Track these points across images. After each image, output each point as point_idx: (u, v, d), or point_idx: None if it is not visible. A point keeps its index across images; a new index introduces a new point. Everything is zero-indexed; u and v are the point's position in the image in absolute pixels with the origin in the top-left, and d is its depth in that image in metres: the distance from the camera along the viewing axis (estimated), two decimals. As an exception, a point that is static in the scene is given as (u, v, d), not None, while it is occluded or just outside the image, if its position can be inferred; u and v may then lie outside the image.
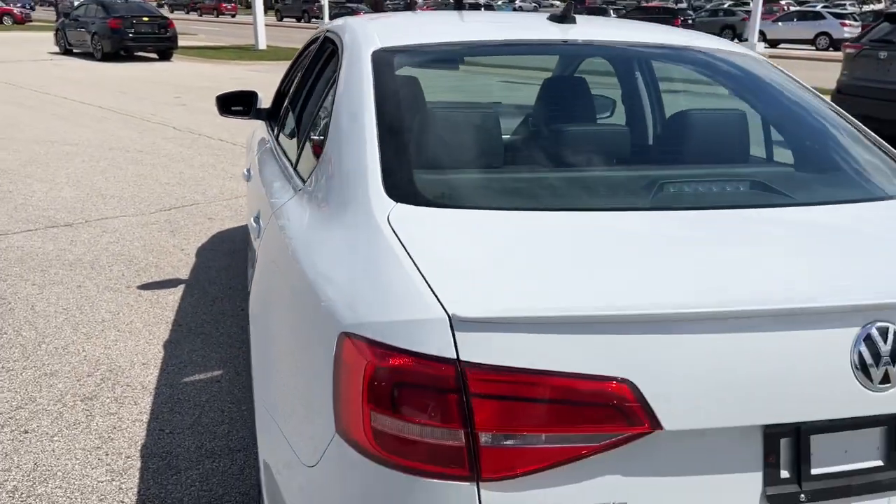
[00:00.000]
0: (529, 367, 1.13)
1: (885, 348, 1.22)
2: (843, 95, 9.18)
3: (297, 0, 48.85)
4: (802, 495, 1.24)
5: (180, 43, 21.87)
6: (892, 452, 1.28)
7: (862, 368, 1.21)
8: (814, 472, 1.25)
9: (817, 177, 1.95)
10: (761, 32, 29.53)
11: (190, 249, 4.94)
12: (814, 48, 28.42)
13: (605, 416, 1.14)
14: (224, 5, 58.86)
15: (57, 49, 21.75)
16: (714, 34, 19.63)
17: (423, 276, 1.25)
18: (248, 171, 3.37)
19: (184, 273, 4.52)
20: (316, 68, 2.68)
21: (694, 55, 2.26)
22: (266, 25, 27.96)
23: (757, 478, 1.23)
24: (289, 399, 1.49)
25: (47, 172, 6.95)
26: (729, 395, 1.17)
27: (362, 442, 1.20)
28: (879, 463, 1.28)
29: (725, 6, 39.43)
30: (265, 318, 1.77)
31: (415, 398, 1.15)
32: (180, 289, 4.28)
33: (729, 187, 1.75)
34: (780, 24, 30.08)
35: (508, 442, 1.14)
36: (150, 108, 11.28)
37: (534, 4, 70.66)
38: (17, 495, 2.46)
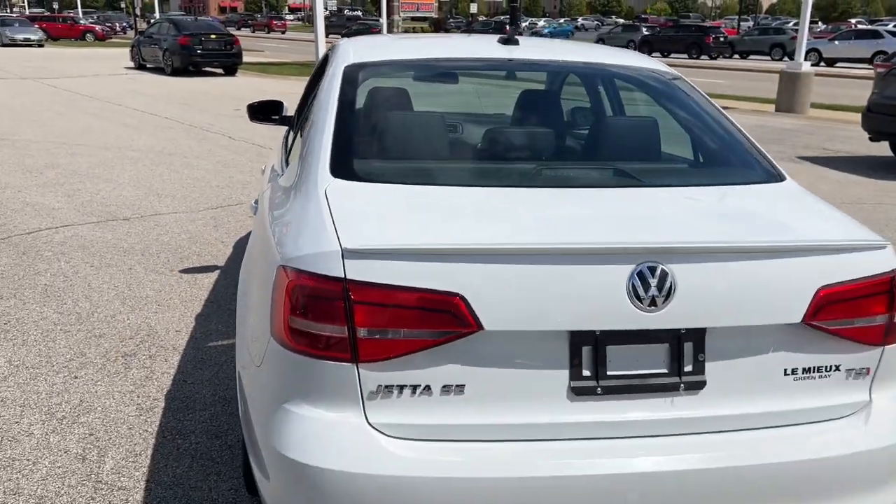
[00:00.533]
0: (393, 284, 1.62)
1: (652, 281, 1.66)
2: (872, 114, 9.32)
3: (341, 17, 51.70)
4: (598, 389, 1.69)
5: (245, 59, 23.00)
6: (674, 364, 1.72)
7: (635, 295, 1.66)
8: (609, 373, 1.70)
9: (675, 167, 2.40)
10: (817, 51, 29.18)
11: (229, 241, 5.56)
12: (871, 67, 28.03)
13: (445, 319, 1.61)
14: (275, 23, 61.25)
15: (132, 64, 23.17)
16: (764, 52, 20.20)
17: (334, 225, 1.76)
18: (256, 202, 3.16)
19: (220, 261, 5.13)
20: (317, 80, 3.23)
21: (604, 69, 2.73)
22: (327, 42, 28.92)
23: (564, 374, 1.69)
24: (250, 322, 2.01)
25: (112, 174, 7.72)
26: (539, 308, 1.63)
27: (285, 339, 1.70)
28: (664, 370, 1.72)
29: (773, 25, 40.00)
30: (246, 267, 2.31)
31: (317, 305, 1.65)
32: (216, 273, 4.88)
33: (594, 174, 2.21)
34: (836, 42, 29.72)
35: (377, 335, 1.63)
36: (211, 119, 12.12)
37: (596, 23, 70.89)
38: (65, 422, 3.05)
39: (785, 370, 1.79)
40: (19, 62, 24.46)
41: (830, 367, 1.82)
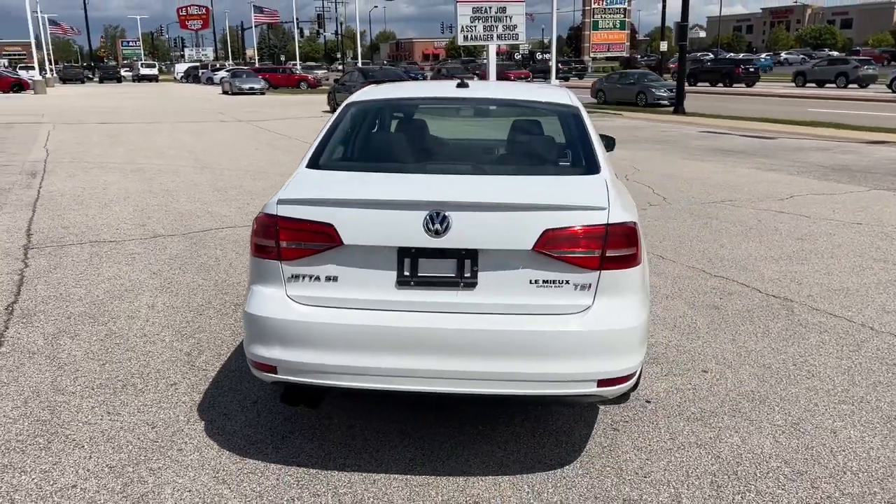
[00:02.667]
0: (298, 217, 2.99)
1: (436, 219, 2.89)
2: None
3: (526, 60, 54.46)
4: (412, 282, 2.94)
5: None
6: (459, 271, 2.92)
7: (427, 228, 2.90)
8: (419, 274, 2.94)
9: (523, 165, 3.58)
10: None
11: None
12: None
13: (323, 237, 2.94)
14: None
15: (328, 108, 26.43)
16: (829, 80, 20.14)
17: (287, 190, 3.18)
18: None
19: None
20: None
21: (517, 103, 3.98)
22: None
23: (393, 273, 2.95)
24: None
25: (276, 193, 9.78)
26: (377, 233, 2.90)
27: (252, 250, 3.13)
28: (452, 275, 2.94)
29: (834, 55, 43.53)
30: None
31: (264, 230, 3.05)
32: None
33: (461, 167, 3.47)
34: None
35: (290, 246, 3.01)
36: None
37: (802, 57, 68.10)
38: (184, 335, 4.72)
39: (530, 280, 2.94)
40: (240, 107, 28.70)
41: (562, 281, 2.94)
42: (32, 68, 46.76)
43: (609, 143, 5.66)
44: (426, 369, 2.90)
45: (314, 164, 3.51)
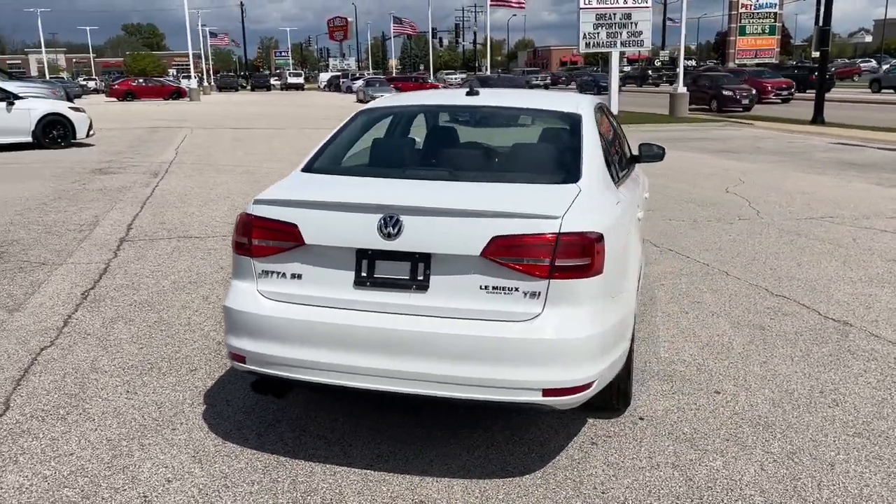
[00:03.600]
0: (267, 217, 3.17)
1: (390, 222, 2.97)
2: None
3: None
4: (368, 283, 3.04)
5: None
6: (412, 273, 2.99)
7: (380, 230, 2.99)
8: (375, 275, 3.04)
9: (506, 173, 3.56)
10: None
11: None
12: None
13: (288, 236, 3.10)
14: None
15: (448, 115, 26.90)
16: None
17: (267, 191, 3.37)
18: None
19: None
20: None
21: (519, 111, 3.98)
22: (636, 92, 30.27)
23: (352, 273, 3.06)
24: None
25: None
26: (337, 234, 3.03)
27: (232, 247, 3.34)
28: (406, 277, 3.01)
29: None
30: None
31: (242, 229, 3.26)
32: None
33: (440, 173, 3.52)
34: None
35: (261, 243, 3.19)
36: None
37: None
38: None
39: (480, 285, 2.96)
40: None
41: (511, 288, 2.94)
42: (195, 77, 50.83)
43: (651, 151, 5.52)
44: (377, 368, 2.99)
45: (309, 167, 3.69)
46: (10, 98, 15.55)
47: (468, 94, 4.20)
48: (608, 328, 3.07)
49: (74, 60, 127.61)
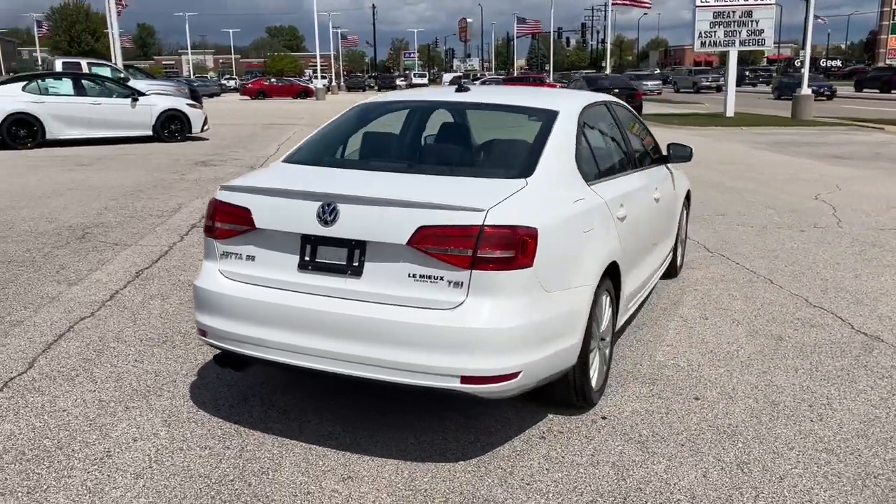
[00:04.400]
0: (226, 201, 3.40)
1: (327, 210, 3.12)
2: None
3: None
4: (310, 266, 3.21)
5: (653, 111, 24.76)
6: (349, 259, 3.13)
7: (318, 217, 3.15)
8: (317, 259, 3.20)
9: (463, 167, 3.61)
10: None
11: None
12: None
13: (241, 220, 3.31)
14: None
15: (555, 115, 26.72)
16: None
17: (235, 179, 3.61)
18: None
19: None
20: None
21: (501, 107, 4.03)
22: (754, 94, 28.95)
23: (296, 257, 3.25)
24: None
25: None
26: (283, 219, 3.22)
27: (206, 232, 3.61)
28: (343, 262, 3.16)
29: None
30: None
31: (210, 213, 3.50)
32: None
33: (397, 165, 3.62)
34: None
35: (222, 226, 3.43)
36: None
37: None
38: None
39: (409, 273, 3.06)
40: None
41: (437, 277, 3.02)
42: (324, 77, 53.03)
43: (681, 152, 5.40)
44: (313, 348, 3.16)
45: (289, 158, 3.91)
46: (134, 95, 16.89)
47: (457, 90, 4.29)
48: (538, 321, 3.10)
49: (221, 61, 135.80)
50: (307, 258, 3.25)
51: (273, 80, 53.10)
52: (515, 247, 3.00)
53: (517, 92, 4.46)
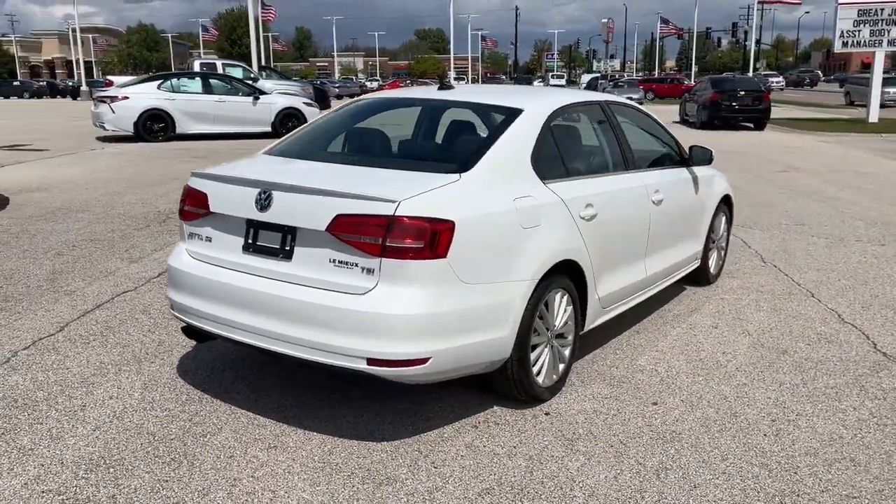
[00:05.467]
0: (192, 187, 3.72)
1: (263, 196, 3.36)
2: None
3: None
4: (251, 249, 3.47)
5: (791, 114, 23.44)
6: (283, 243, 3.35)
7: (256, 203, 3.39)
8: (257, 242, 3.46)
9: (415, 161, 3.73)
10: None
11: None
12: None
13: (201, 203, 3.62)
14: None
15: (678, 118, 25.81)
16: None
17: (217, 166, 3.94)
18: None
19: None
20: None
21: (471, 105, 4.13)
22: None
23: (241, 239, 3.52)
24: None
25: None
26: (232, 204, 3.50)
27: (181, 215, 3.95)
28: (278, 246, 3.39)
29: None
30: None
31: (182, 196, 3.84)
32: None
33: (352, 158, 3.80)
34: None
35: (188, 209, 3.76)
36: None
37: None
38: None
39: (330, 259, 3.24)
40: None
41: (352, 263, 3.19)
42: (461, 79, 54.11)
43: (701, 156, 5.28)
44: (247, 324, 3.43)
45: (269, 150, 4.20)
46: (255, 94, 18.05)
47: (440, 88, 4.42)
48: (450, 311, 3.20)
49: (370, 63, 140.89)
50: (250, 241, 3.51)
51: (408, 81, 54.57)
52: (425, 238, 3.12)
53: (499, 91, 4.53)
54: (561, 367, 3.98)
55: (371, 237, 3.14)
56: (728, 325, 5.14)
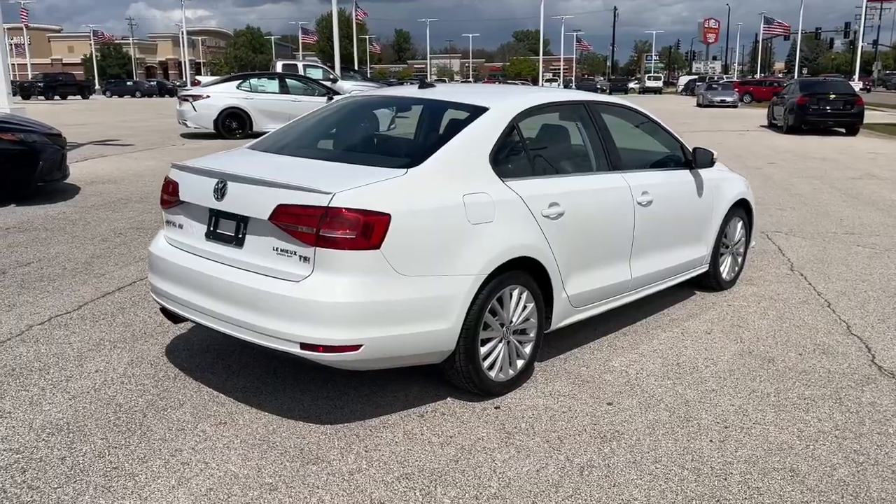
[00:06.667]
0: (169, 178, 3.96)
1: (219, 186, 3.56)
2: None
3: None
4: (212, 236, 3.69)
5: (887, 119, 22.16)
6: (236, 232, 3.54)
7: (214, 192, 3.59)
8: (217, 230, 3.66)
9: (375, 156, 3.84)
10: None
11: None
12: None
13: (173, 192, 3.86)
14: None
15: (766, 122, 24.83)
16: None
17: (199, 158, 4.19)
18: None
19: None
20: None
21: (441, 104, 4.22)
22: None
23: (205, 226, 3.74)
24: None
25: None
26: (197, 193, 3.71)
27: (160, 203, 4.20)
28: (232, 234, 3.59)
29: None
30: None
31: (163, 186, 4.12)
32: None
33: (318, 152, 3.95)
34: None
35: (166, 198, 4.01)
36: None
37: None
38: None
39: (273, 247, 3.42)
40: (691, 117, 28.59)
41: (291, 251, 3.35)
42: (553, 80, 53.94)
43: (700, 156, 5.20)
44: (205, 307, 3.65)
45: (252, 145, 4.42)
46: (330, 94, 18.60)
47: (420, 87, 4.53)
48: (383, 300, 3.32)
49: (465, 65, 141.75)
50: (211, 228, 3.73)
51: (499, 80, 54.64)
52: (358, 228, 3.25)
53: (476, 91, 4.58)
54: (520, 363, 4.02)
55: (307, 227, 3.29)
56: (723, 331, 5.02)
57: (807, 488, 3.12)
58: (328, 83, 20.66)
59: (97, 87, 66.62)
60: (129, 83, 64.70)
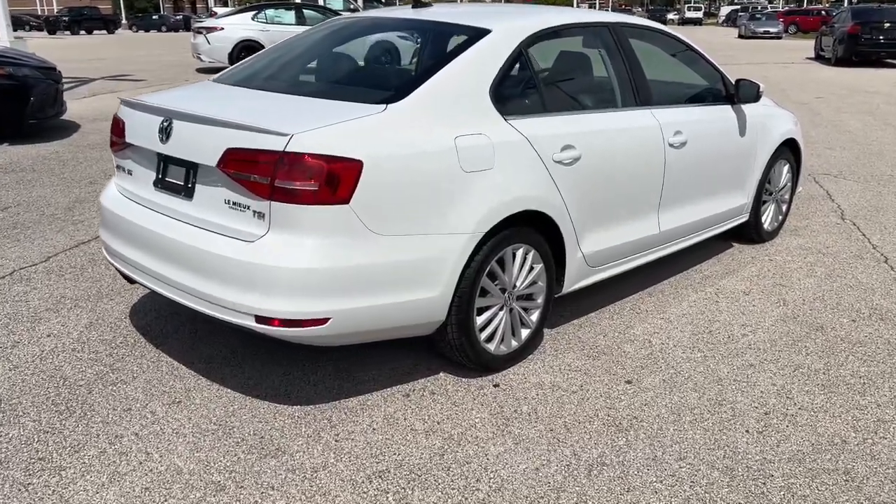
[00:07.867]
0: (117, 116, 3.39)
1: (164, 125, 2.98)
2: None
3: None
4: (160, 185, 3.13)
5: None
6: (186, 180, 2.97)
7: (159, 132, 3.02)
8: (165, 178, 3.09)
9: (354, 90, 3.23)
10: None
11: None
12: None
13: (122, 133, 3.29)
14: None
15: (812, 54, 23.41)
16: None
17: (154, 94, 3.61)
18: None
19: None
20: None
21: (434, 25, 3.56)
22: None
23: (154, 174, 3.19)
24: None
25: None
26: (145, 136, 3.17)
27: (110, 146, 3.66)
28: (182, 182, 3.01)
29: None
30: None
31: (111, 126, 3.56)
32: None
33: (293, 86, 3.34)
34: None
35: (114, 139, 3.43)
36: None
37: None
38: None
39: (225, 199, 2.85)
40: (731, 50, 27.13)
41: (244, 206, 2.78)
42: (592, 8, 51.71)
43: (744, 90, 4.51)
44: (148, 267, 3.12)
45: (218, 77, 3.82)
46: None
47: (413, 6, 3.87)
48: (354, 265, 2.76)
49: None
50: (160, 176, 3.18)
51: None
52: (321, 178, 2.67)
53: (477, 10, 3.85)
54: (525, 332, 3.46)
55: (261, 175, 2.72)
56: (763, 291, 4.40)
57: (865, 497, 2.55)
58: (348, 14, 19.72)
59: (123, 21, 65.75)
60: (154, 17, 63.71)
